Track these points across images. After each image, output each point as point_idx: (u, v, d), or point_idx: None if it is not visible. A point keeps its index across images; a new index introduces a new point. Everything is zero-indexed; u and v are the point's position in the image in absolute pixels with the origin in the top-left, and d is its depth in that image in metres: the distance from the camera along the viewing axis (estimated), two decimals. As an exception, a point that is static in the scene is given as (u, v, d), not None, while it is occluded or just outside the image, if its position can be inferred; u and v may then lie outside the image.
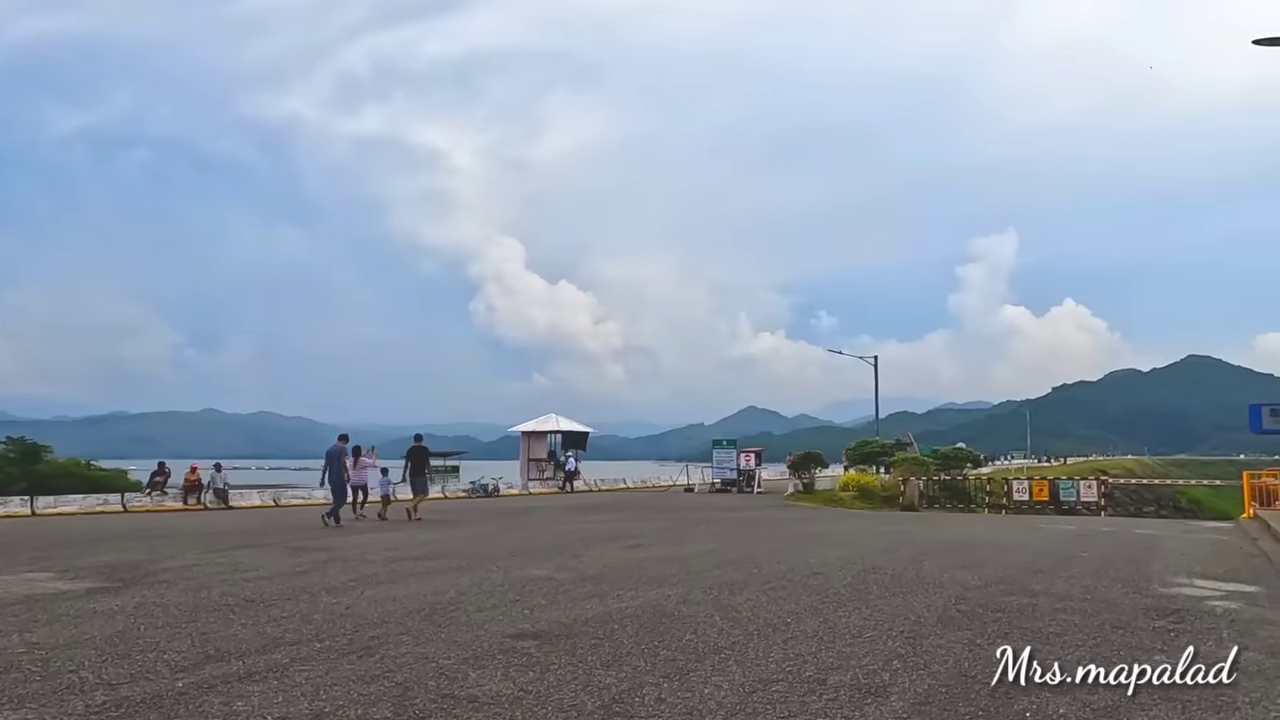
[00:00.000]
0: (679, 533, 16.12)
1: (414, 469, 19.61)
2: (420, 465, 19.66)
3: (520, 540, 14.46)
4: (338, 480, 17.95)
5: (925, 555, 12.67)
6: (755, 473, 35.93)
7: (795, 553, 12.81)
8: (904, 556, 12.45)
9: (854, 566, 11.13)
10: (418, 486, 19.67)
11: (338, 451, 18.22)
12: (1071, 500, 27.58)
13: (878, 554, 12.76)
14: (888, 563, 11.60)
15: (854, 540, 15.16)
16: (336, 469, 17.96)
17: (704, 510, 24.01)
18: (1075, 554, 13.30)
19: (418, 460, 19.73)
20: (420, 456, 19.84)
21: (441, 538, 14.81)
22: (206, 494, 26.84)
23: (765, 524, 18.90)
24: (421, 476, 19.61)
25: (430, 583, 9.39)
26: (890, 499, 30.92)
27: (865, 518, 22.42)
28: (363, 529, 17.17)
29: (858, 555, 12.55)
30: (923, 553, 13.01)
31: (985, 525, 20.24)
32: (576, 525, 17.98)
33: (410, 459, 19.76)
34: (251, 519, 21.11)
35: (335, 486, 18.04)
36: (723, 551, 12.83)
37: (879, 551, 13.12)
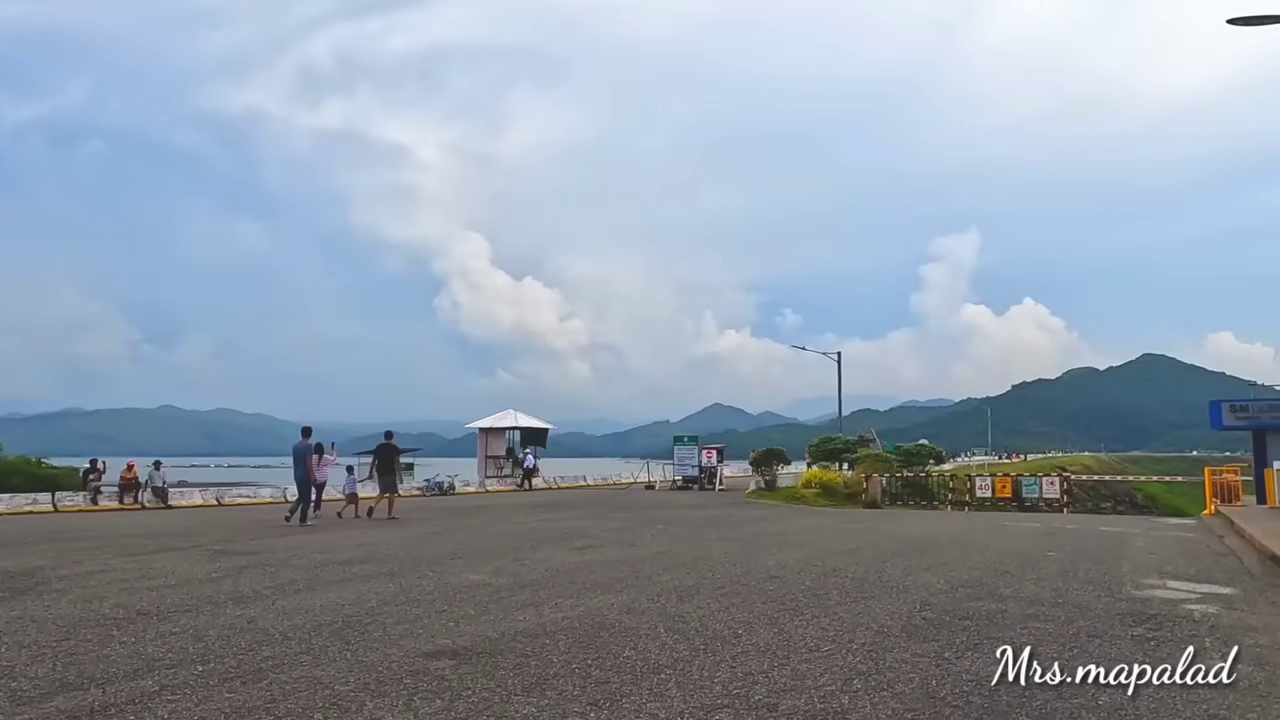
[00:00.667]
0: (633, 533, 15.42)
1: (382, 466, 18.95)
2: (389, 463, 19.01)
3: (464, 541, 13.67)
4: (303, 478, 17.30)
5: (888, 556, 12.10)
6: (717, 470, 35.34)
7: (752, 554, 12.17)
8: (866, 558, 11.86)
9: (814, 569, 10.51)
10: (387, 485, 18.96)
11: (304, 448, 17.52)
12: (1034, 497, 27.33)
13: (839, 555, 12.16)
14: (849, 565, 11.00)
15: (814, 540, 14.57)
16: (303, 466, 17.30)
17: (663, 508, 23.34)
18: (1042, 553, 12.82)
19: (386, 457, 19.05)
20: (389, 454, 19.15)
21: (380, 539, 13.98)
22: (144, 493, 25.66)
23: (724, 523, 18.27)
24: (391, 474, 18.96)
25: (353, 590, 8.60)
26: (853, 496, 30.47)
27: (827, 515, 21.90)
28: (304, 530, 16.28)
29: (818, 556, 11.95)
30: (885, 553, 12.44)
31: (949, 523, 19.78)
32: (528, 524, 17.22)
33: (379, 456, 19.13)
34: (187, 519, 20.06)
35: (300, 484, 17.40)
36: (676, 553, 12.16)
37: (840, 552, 12.53)
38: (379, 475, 18.98)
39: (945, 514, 25.70)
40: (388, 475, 18.87)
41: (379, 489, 19.22)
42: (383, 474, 18.87)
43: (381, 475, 18.88)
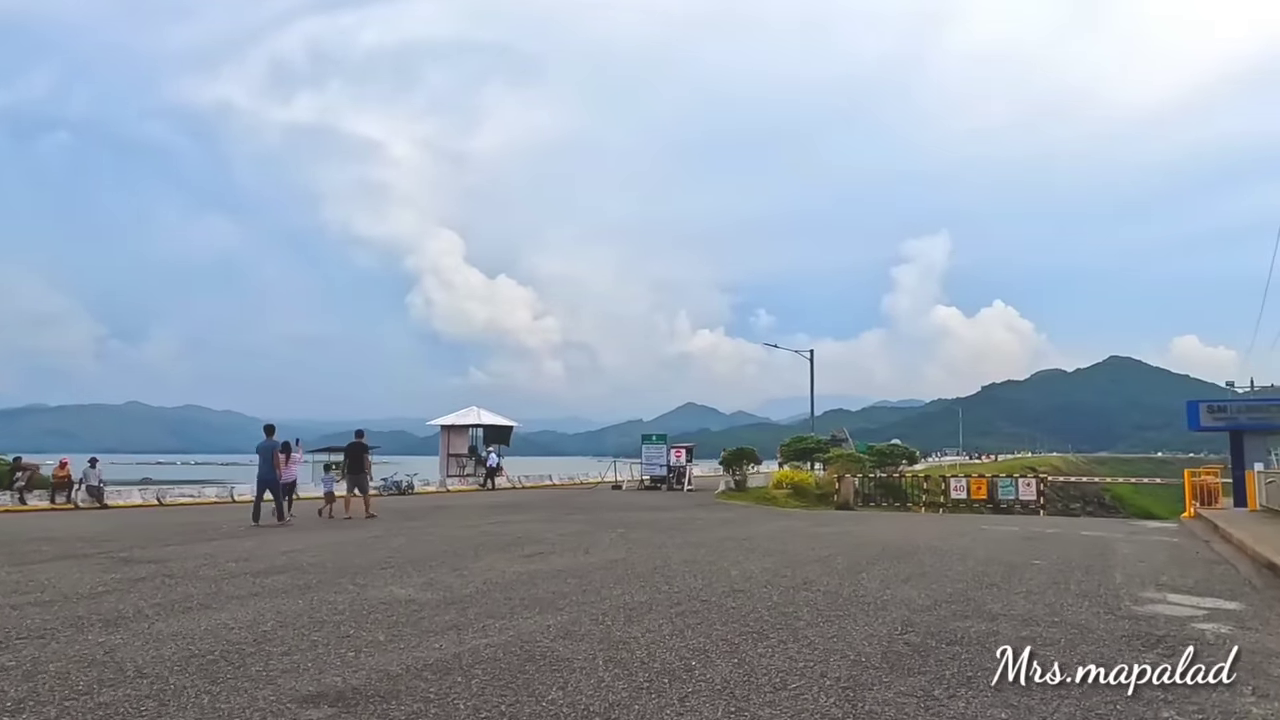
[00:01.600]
0: (589, 537, 14.35)
1: (352, 466, 18.88)
2: (359, 462, 18.85)
3: (402, 548, 12.53)
4: (269, 476, 17.06)
5: (863, 565, 11.13)
6: (686, 469, 34.32)
7: (716, 562, 11.15)
8: (840, 567, 10.88)
9: (782, 581, 9.50)
10: (357, 484, 18.76)
11: (269, 446, 17.24)
12: (1010, 499, 26.57)
13: (810, 563, 11.17)
14: (821, 575, 10.01)
15: (784, 545, 13.58)
16: (268, 464, 17.04)
17: (626, 510, 22.29)
18: (1027, 561, 11.91)
19: (356, 457, 18.93)
20: (359, 452, 18.99)
21: (310, 545, 12.81)
22: (78, 492, 24.20)
23: (689, 526, 17.25)
24: (360, 473, 18.79)
25: (252, 609, 7.47)
26: (825, 497, 29.61)
27: (798, 518, 20.96)
28: (246, 532, 15.06)
29: (787, 565, 10.95)
30: (860, 561, 11.47)
31: (925, 526, 18.90)
32: (479, 528, 16.09)
33: (348, 455, 19.15)
34: (115, 521, 18.72)
35: (264, 482, 17.18)
36: (632, 562, 11.11)
37: (812, 560, 11.54)
38: (348, 474, 18.88)
39: (920, 516, 24.88)
40: (357, 474, 18.70)
41: (347, 488, 18.96)
42: (352, 473, 18.75)
43: (351, 474, 18.74)
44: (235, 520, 18.11)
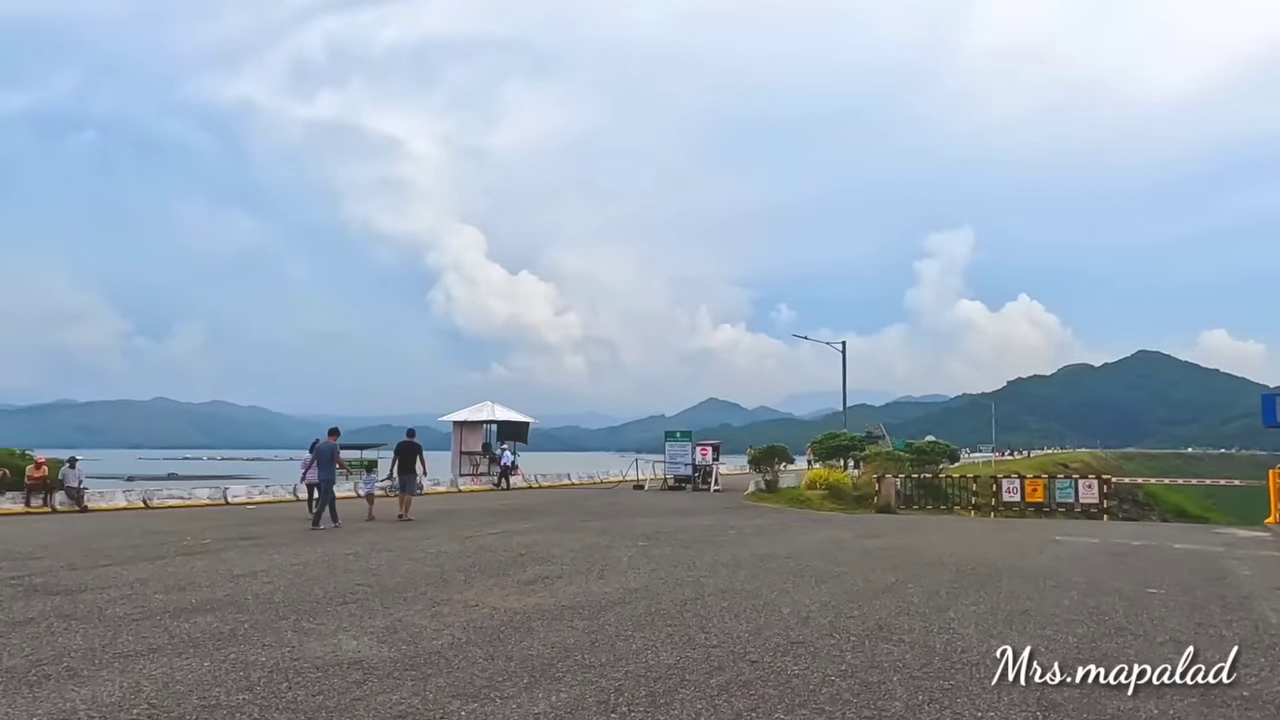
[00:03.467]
0: (606, 553, 12.23)
1: (403, 465, 18.26)
2: (410, 462, 18.21)
3: (379, 569, 10.45)
4: (330, 478, 16.44)
5: (943, 596, 8.94)
6: (712, 468, 32.10)
7: (760, 592, 9.00)
8: (915, 600, 8.69)
9: (849, 625, 7.34)
10: (407, 484, 18.29)
11: (329, 448, 16.64)
12: (1069, 501, 24.20)
13: (877, 595, 8.99)
14: (897, 615, 7.83)
15: (836, 565, 11.39)
16: (329, 467, 16.48)
17: (649, 514, 20.17)
18: (1140, 589, 9.68)
19: (407, 456, 18.26)
20: (410, 452, 18.27)
21: (275, 565, 10.76)
22: (56, 495, 22.39)
23: (720, 536, 15.10)
24: (411, 474, 18.27)
25: (133, 677, 5.44)
26: (863, 499, 27.34)
27: (840, 525, 18.75)
28: (200, 550, 13.09)
29: (849, 597, 8.78)
30: (938, 591, 9.28)
31: (985, 536, 16.63)
32: (478, 539, 14.01)
33: (399, 455, 18.46)
34: (76, 528, 16.80)
35: (325, 485, 16.43)
36: (656, 592, 8.98)
37: (878, 590, 9.36)
38: (399, 474, 18.35)
39: (971, 521, 22.58)
40: (408, 474, 18.21)
41: (398, 488, 18.53)
42: (403, 473, 18.22)
43: (401, 474, 18.24)
44: (215, 527, 16.19)
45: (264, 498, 26.56)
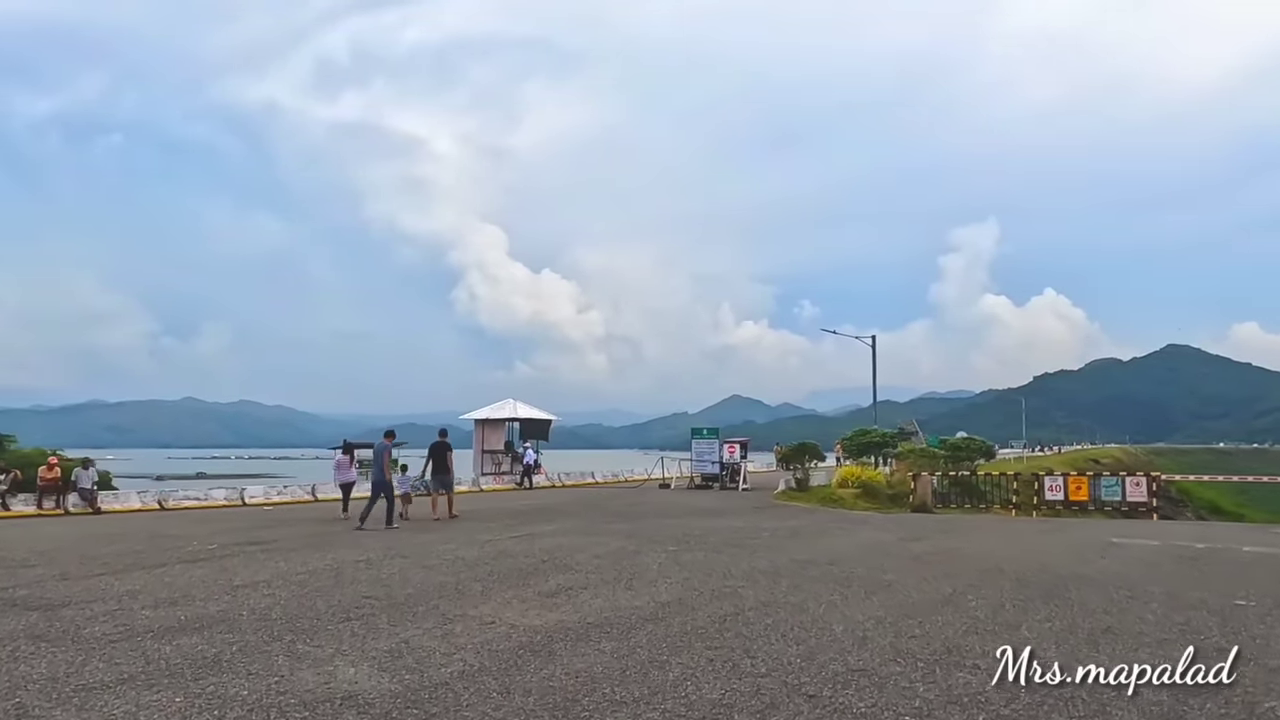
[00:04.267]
0: (633, 559, 11.40)
1: (436, 465, 18.45)
2: (443, 461, 18.44)
3: (391, 579, 9.67)
4: (381, 479, 16.48)
5: (1008, 609, 8.04)
6: (740, 466, 31.19)
7: (805, 605, 8.13)
8: (980, 613, 7.79)
9: (913, 646, 6.46)
10: (442, 483, 18.44)
11: (383, 448, 16.93)
12: (1115, 500, 23.10)
13: (937, 608, 8.10)
14: (964, 635, 6.94)
15: (884, 572, 10.49)
16: (380, 467, 16.61)
17: (677, 515, 19.34)
18: (1227, 602, 8.71)
19: (440, 456, 18.43)
20: (443, 452, 18.47)
21: (279, 575, 10.01)
22: (69, 496, 21.87)
23: (754, 540, 14.24)
24: (446, 473, 18.49)
25: (83, 717, 4.66)
26: (897, 497, 26.38)
27: (877, 525, 17.83)
28: (205, 557, 12.41)
29: (905, 611, 7.89)
30: (1002, 603, 8.37)
31: (1036, 538, 15.66)
32: (498, 543, 13.23)
33: (432, 455, 18.57)
34: (81, 531, 16.19)
35: (377, 486, 16.58)
36: (691, 604, 8.14)
37: (936, 601, 8.46)
38: (433, 474, 18.51)
39: (1014, 520, 21.56)
40: (442, 474, 18.45)
41: (433, 488, 18.58)
42: (437, 473, 18.45)
43: (435, 474, 18.47)
44: (226, 530, 15.54)
45: (281, 499, 25.98)
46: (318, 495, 26.96)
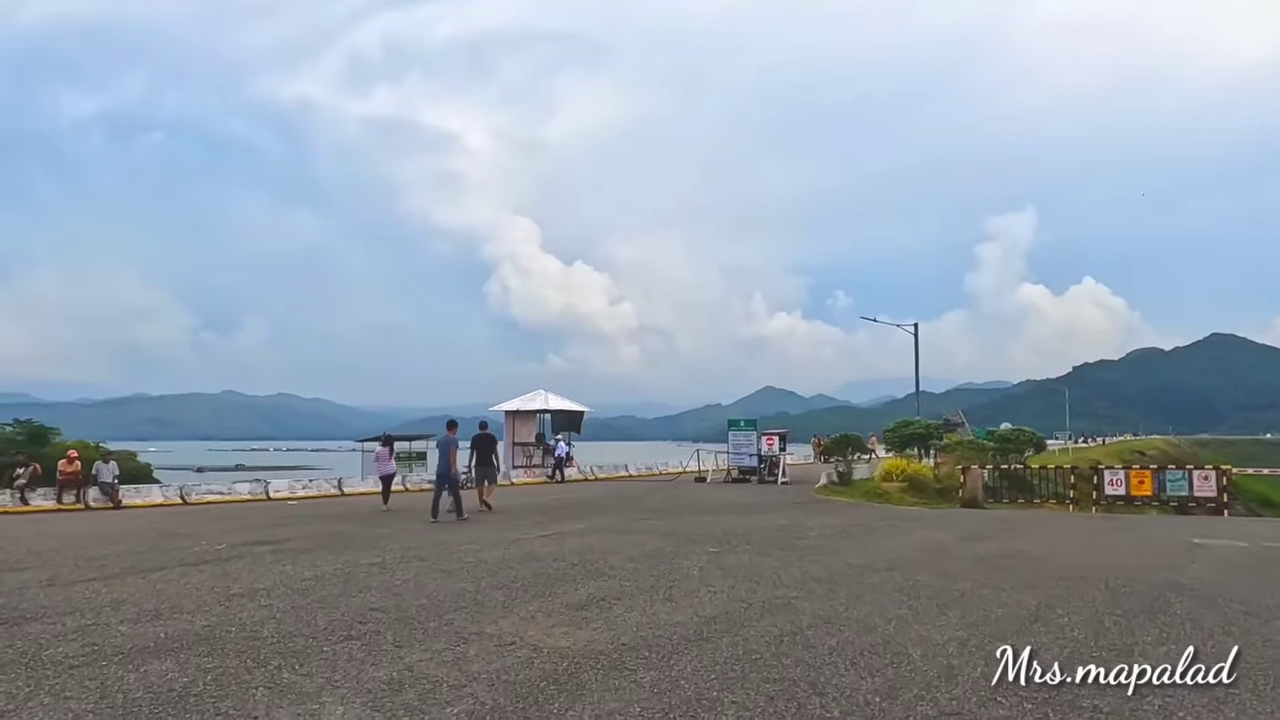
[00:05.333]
0: (672, 562, 10.40)
1: (480, 458, 18.64)
2: (487, 454, 18.75)
3: (403, 586, 8.74)
4: (446, 471, 16.73)
5: (1109, 626, 6.91)
6: (779, 459, 30.06)
7: (873, 625, 7.06)
8: (1079, 633, 6.67)
9: (1016, 682, 5.37)
10: (486, 475, 18.61)
11: (449, 441, 17.09)
12: (1182, 495, 21.69)
13: (1023, 625, 6.99)
14: (1069, 660, 5.83)
15: (952, 579, 9.38)
16: (446, 460, 16.86)
17: (715, 511, 18.32)
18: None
19: (484, 448, 18.72)
20: (487, 444, 18.85)
21: (281, 583, 9.12)
22: (89, 491, 21.32)
23: (801, 539, 13.19)
24: (489, 465, 18.76)
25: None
26: (945, 492, 25.11)
27: (931, 523, 16.67)
28: (210, 559, 11.61)
29: (991, 632, 6.79)
30: (1098, 617, 7.23)
31: (1106, 536, 14.42)
32: (525, 543, 12.28)
33: (476, 447, 18.80)
34: (92, 528, 15.52)
35: (442, 478, 16.82)
36: (741, 620, 7.11)
37: (1021, 617, 7.35)
38: (476, 467, 18.58)
39: (1074, 517, 20.25)
40: (486, 465, 18.66)
41: (476, 480, 18.62)
42: (480, 465, 18.60)
43: (479, 466, 18.59)
44: (242, 527, 14.79)
45: (306, 493, 25.33)
46: (344, 490, 26.30)
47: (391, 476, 20.68)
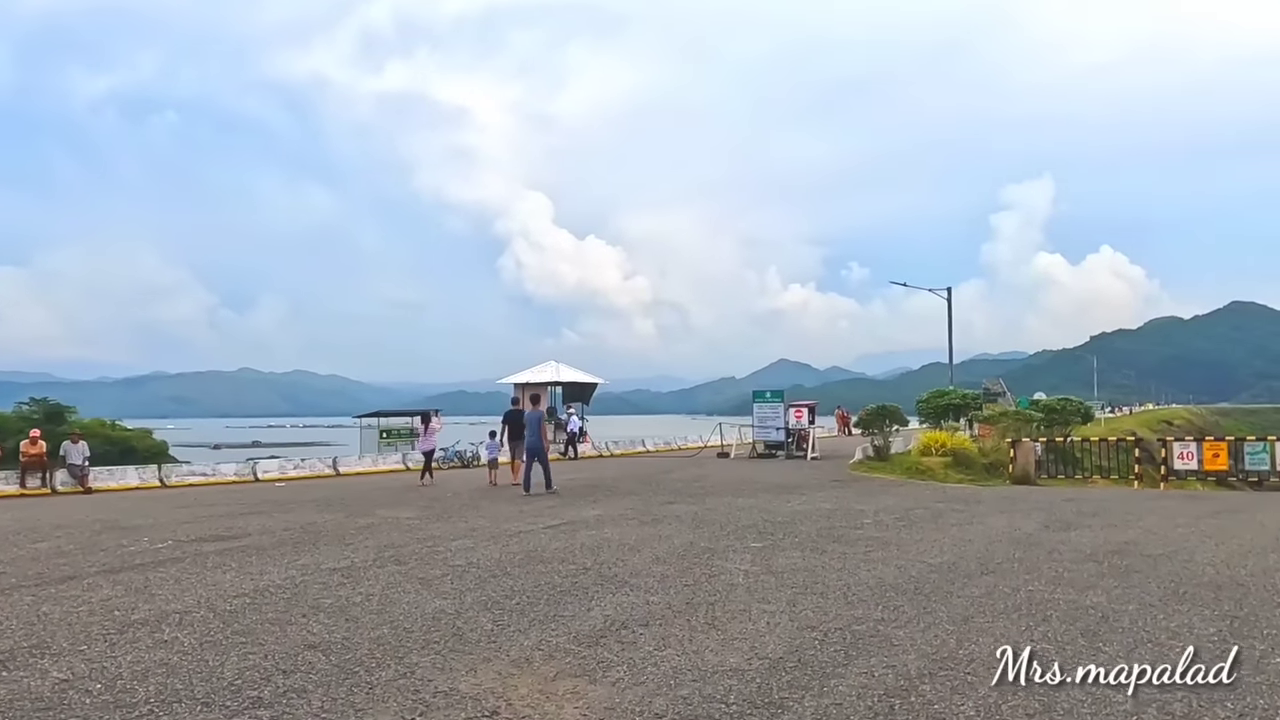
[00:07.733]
0: (709, 567, 8.33)
1: (513, 433, 18.58)
2: (518, 429, 18.34)
3: (359, 611, 6.70)
4: (536, 446, 16.68)
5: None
6: (809, 433, 27.89)
7: (978, 652, 4.97)
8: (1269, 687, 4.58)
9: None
10: (517, 451, 18.46)
11: (537, 416, 17.07)
12: (1263, 470, 19.49)
13: (1213, 663, 4.89)
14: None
15: (1081, 594, 7.28)
16: (536, 434, 16.71)
17: (748, 492, 16.25)
18: None
19: (516, 424, 18.51)
20: (518, 420, 18.48)
21: (214, 594, 7.11)
22: (56, 474, 19.46)
23: (856, 532, 11.11)
24: (522, 440, 18.04)
25: None
26: (993, 467, 22.99)
27: (994, 505, 14.55)
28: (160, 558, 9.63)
29: (1182, 686, 4.71)
30: None
31: (1217, 522, 12.24)
32: (533, 536, 10.25)
33: (508, 423, 18.83)
34: (37, 517, 13.53)
35: (532, 452, 16.76)
36: (821, 669, 5.02)
37: (1210, 654, 5.24)
38: (509, 442, 18.79)
39: (1150, 495, 18.06)
40: (517, 441, 18.42)
41: (510, 456, 19.04)
42: (513, 439, 18.58)
43: (512, 441, 18.66)
44: (206, 516, 12.85)
45: (298, 473, 23.45)
46: (339, 470, 24.41)
47: (432, 452, 20.65)
